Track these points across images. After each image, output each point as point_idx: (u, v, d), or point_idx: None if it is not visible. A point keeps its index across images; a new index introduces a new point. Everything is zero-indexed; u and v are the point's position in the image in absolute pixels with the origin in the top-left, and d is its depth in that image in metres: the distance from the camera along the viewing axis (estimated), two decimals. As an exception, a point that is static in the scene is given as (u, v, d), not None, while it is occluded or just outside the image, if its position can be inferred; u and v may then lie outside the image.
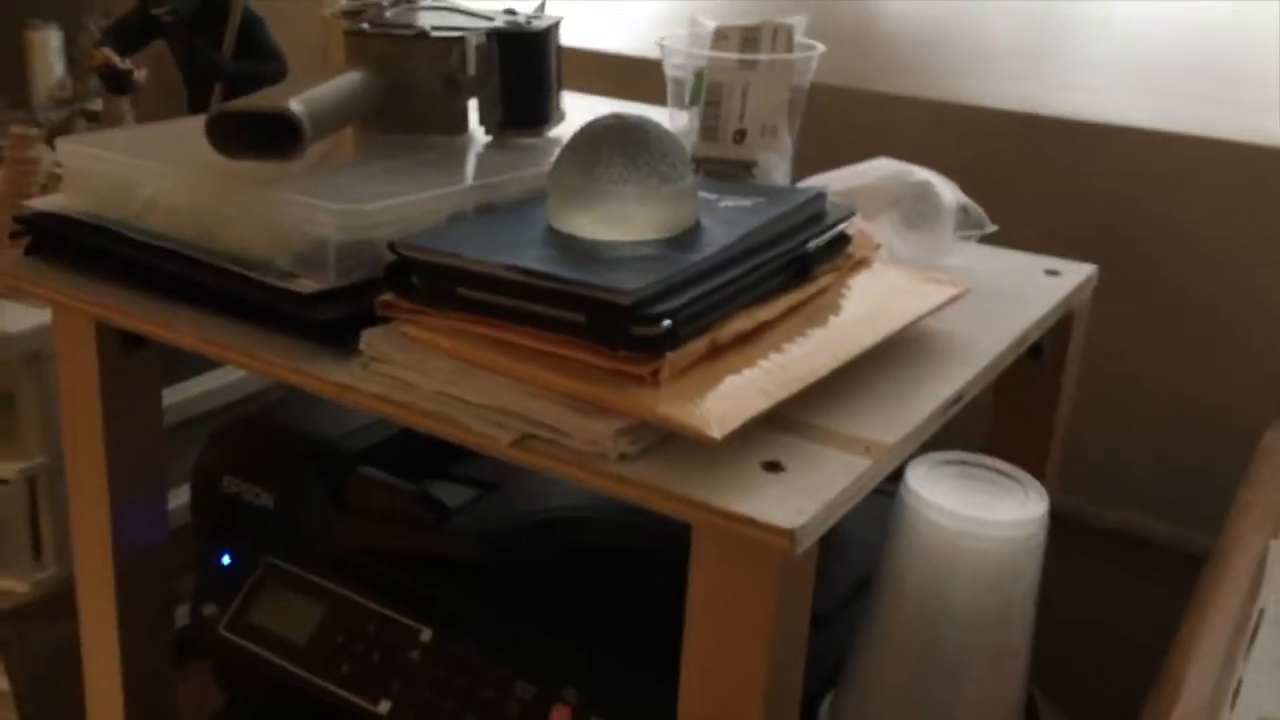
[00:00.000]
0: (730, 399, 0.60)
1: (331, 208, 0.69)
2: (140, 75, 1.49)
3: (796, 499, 0.56)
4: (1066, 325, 0.88)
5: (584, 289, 0.62)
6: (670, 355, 0.61)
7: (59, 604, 1.21)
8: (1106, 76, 1.24)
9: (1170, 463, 1.16)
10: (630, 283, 0.62)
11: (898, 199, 0.87)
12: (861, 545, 0.78)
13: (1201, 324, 1.12)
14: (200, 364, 1.30)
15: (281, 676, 0.85)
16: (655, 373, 0.60)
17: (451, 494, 0.87)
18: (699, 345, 0.63)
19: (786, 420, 0.63)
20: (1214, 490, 0.99)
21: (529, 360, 0.63)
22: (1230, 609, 0.73)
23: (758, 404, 0.60)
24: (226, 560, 0.91)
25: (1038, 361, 0.90)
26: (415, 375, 0.65)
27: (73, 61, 1.77)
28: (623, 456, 0.59)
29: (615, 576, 0.82)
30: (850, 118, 1.24)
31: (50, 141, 1.42)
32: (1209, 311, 1.11)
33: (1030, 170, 1.17)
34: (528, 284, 0.63)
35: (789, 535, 0.54)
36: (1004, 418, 0.92)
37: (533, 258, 0.65)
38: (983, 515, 0.57)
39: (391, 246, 0.68)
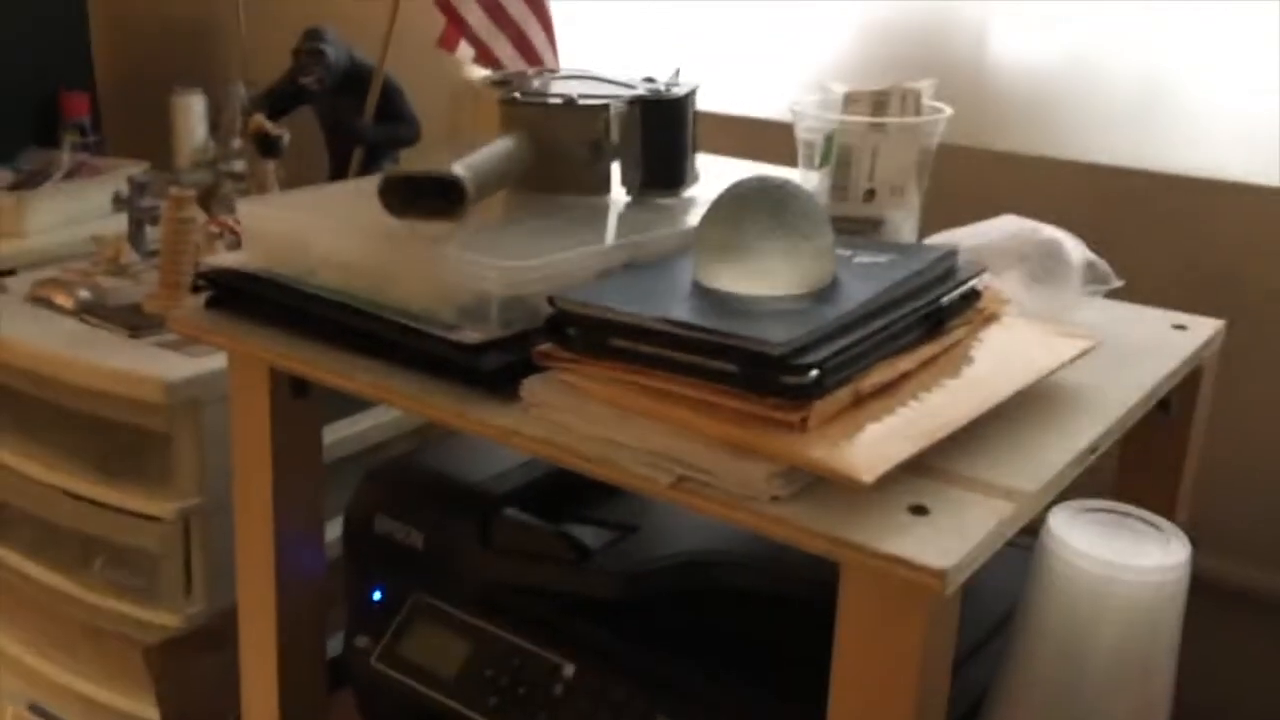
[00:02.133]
0: (877, 445, 0.64)
1: (496, 264, 0.74)
2: (285, 140, 1.59)
3: (944, 540, 0.59)
4: (1195, 379, 0.90)
5: (735, 340, 0.66)
6: (818, 404, 0.65)
7: (207, 638, 1.28)
8: (1226, 131, 1.25)
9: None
10: (780, 334, 0.65)
11: (1024, 255, 0.89)
12: (987, 593, 0.80)
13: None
14: (349, 407, 1.38)
15: (430, 707, 0.89)
16: (804, 420, 0.64)
17: (591, 535, 0.91)
18: (844, 394, 0.67)
19: (928, 467, 0.66)
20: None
21: (682, 406, 0.67)
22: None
23: (903, 450, 0.63)
24: (378, 596, 0.96)
25: (1166, 415, 0.91)
26: (574, 419, 0.69)
27: (215, 127, 1.88)
28: (774, 499, 0.63)
29: (750, 618, 0.85)
30: (972, 176, 1.27)
31: (201, 202, 1.52)
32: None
33: (1152, 227, 1.19)
34: (679, 335, 0.68)
35: (940, 575, 0.57)
36: (1132, 471, 0.93)
37: (682, 310, 0.70)
38: (1126, 560, 0.59)
39: (550, 301, 0.72)
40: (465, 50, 1.36)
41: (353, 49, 1.47)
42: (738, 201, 0.74)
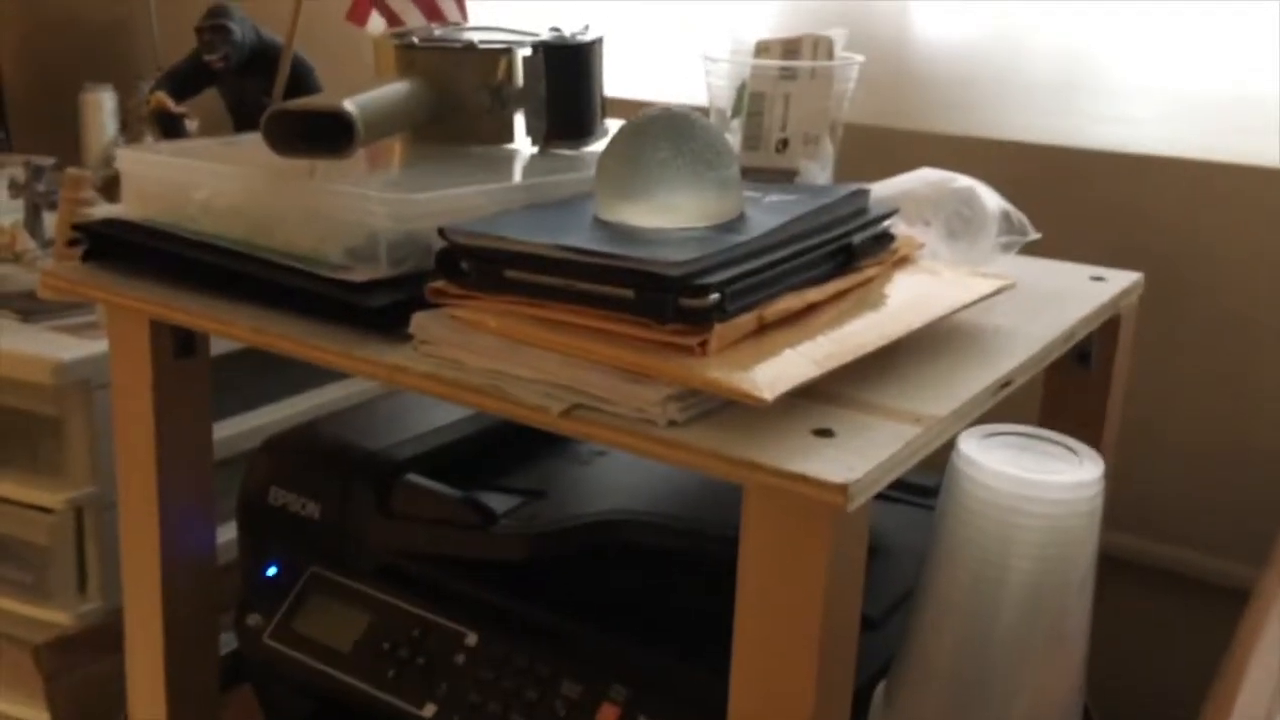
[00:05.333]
0: (780, 367, 0.60)
1: (383, 197, 0.71)
2: (192, 126, 1.53)
3: (848, 459, 0.56)
4: (1113, 330, 0.88)
5: (633, 263, 0.62)
6: (719, 327, 0.61)
7: (102, 638, 1.21)
8: (1146, 107, 1.24)
9: (1210, 493, 1.14)
10: (679, 256, 0.62)
11: (940, 204, 0.87)
12: (909, 556, 0.78)
13: (1240, 351, 1.11)
14: (250, 399, 1.33)
15: (326, 684, 0.84)
16: (704, 343, 0.61)
17: (497, 500, 0.87)
18: (747, 320, 0.64)
19: (835, 395, 0.63)
20: (1254, 522, 0.97)
21: (577, 335, 0.63)
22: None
23: (807, 371, 0.60)
24: (272, 571, 0.91)
25: (1086, 369, 0.90)
26: (465, 354, 0.66)
27: (125, 126, 1.82)
28: (672, 423, 0.59)
29: (659, 577, 0.81)
30: (889, 156, 1.25)
31: (106, 193, 1.46)
32: (1249, 338, 1.10)
33: (1070, 203, 1.18)
34: (575, 261, 0.64)
35: (842, 490, 0.54)
36: (1053, 425, 0.90)
37: (580, 240, 0.66)
38: (1038, 479, 0.57)
39: (441, 232, 0.69)
40: (376, 22, 1.32)
41: (260, 27, 1.43)
42: (638, 131, 0.71)
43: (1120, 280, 0.88)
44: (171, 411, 0.85)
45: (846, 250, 0.73)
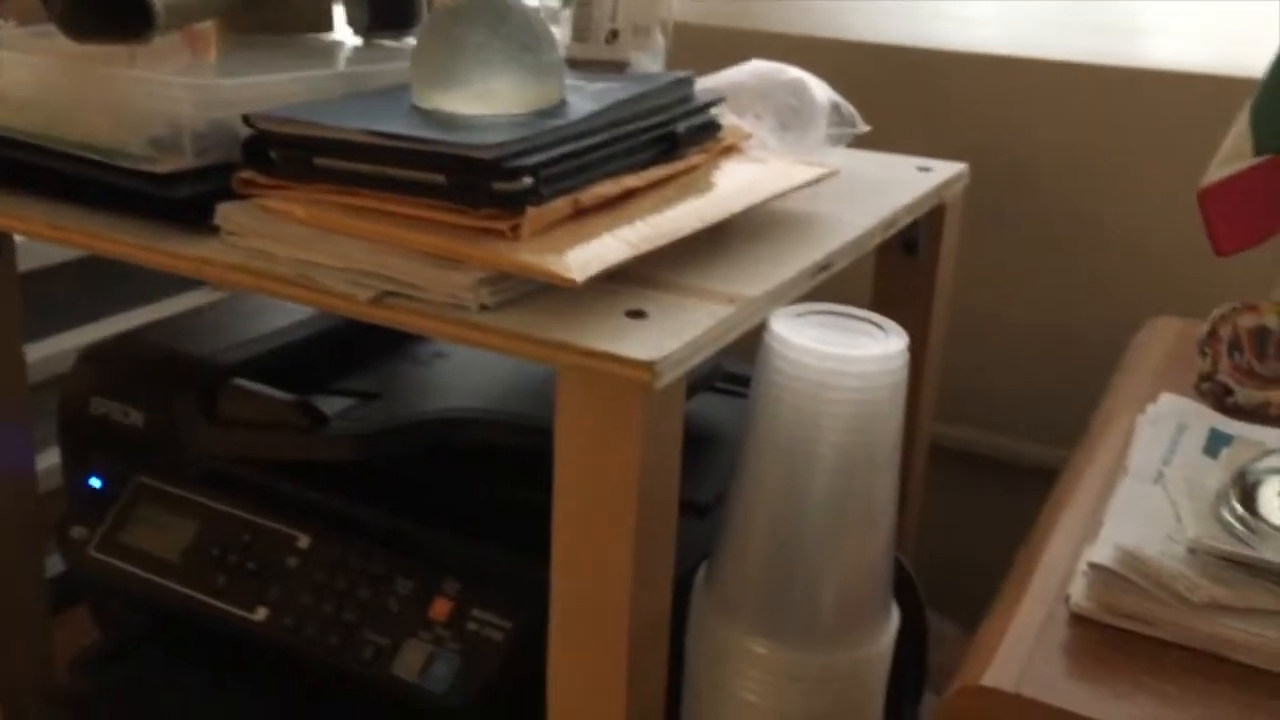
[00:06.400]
0: (593, 250, 0.60)
1: (186, 83, 0.67)
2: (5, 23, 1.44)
3: (658, 338, 0.56)
4: (939, 219, 0.90)
5: (444, 147, 0.61)
6: (531, 211, 0.60)
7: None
8: (986, 7, 1.26)
9: (1031, 383, 1.18)
10: (491, 140, 0.61)
11: (769, 95, 0.87)
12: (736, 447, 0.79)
13: (1066, 243, 1.15)
14: (74, 318, 1.27)
15: (155, 594, 0.82)
16: (516, 228, 0.60)
17: (329, 404, 0.85)
18: (562, 204, 0.63)
19: (653, 279, 0.63)
20: (1074, 410, 1.01)
21: (388, 222, 0.62)
22: (1099, 477, 0.74)
23: (619, 252, 0.60)
24: (96, 483, 0.88)
25: (914, 258, 0.91)
26: (273, 245, 0.63)
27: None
28: (483, 308, 0.58)
29: (488, 474, 0.81)
30: (724, 55, 1.24)
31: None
32: (1076, 230, 1.14)
33: (905, 100, 1.19)
34: (386, 147, 0.62)
35: (649, 368, 0.54)
36: (882, 314, 0.92)
37: (394, 125, 0.64)
38: (845, 353, 0.58)
39: (246, 119, 0.66)
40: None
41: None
42: (453, 15, 0.69)
43: (945, 170, 0.90)
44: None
45: (670, 138, 0.73)
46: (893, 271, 0.91)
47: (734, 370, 0.88)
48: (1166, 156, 1.10)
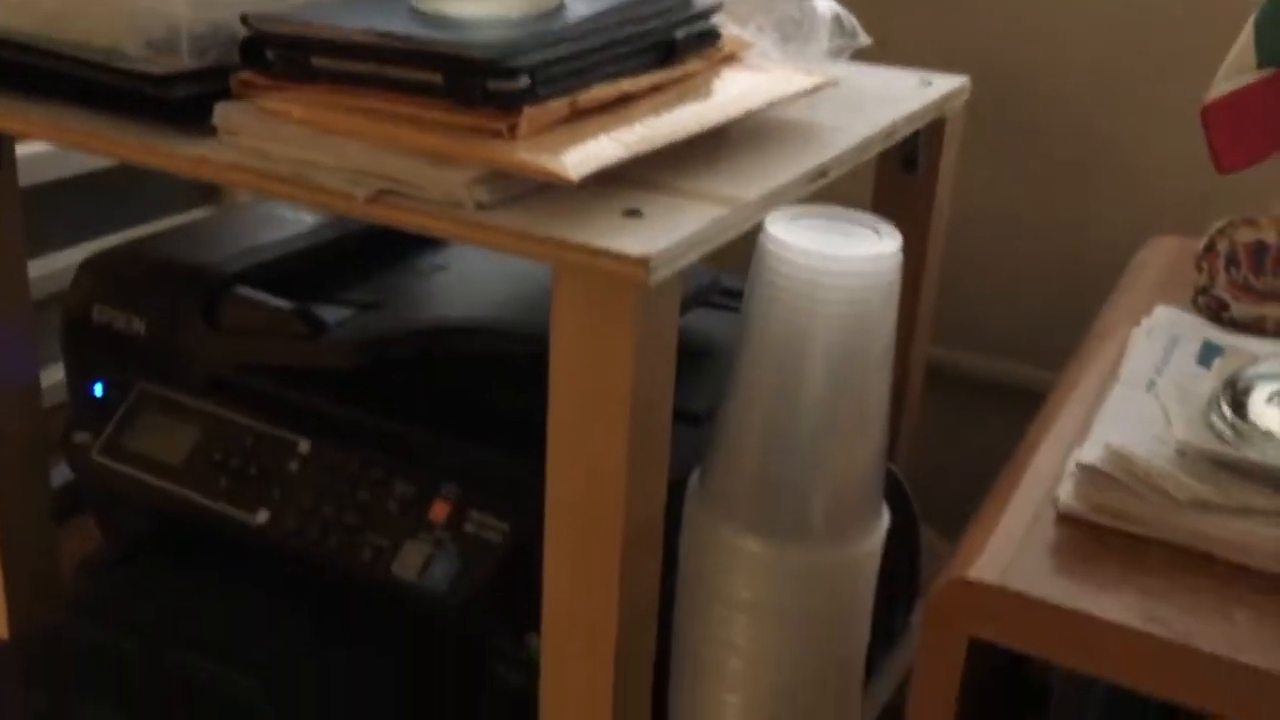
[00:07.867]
0: (589, 149, 0.60)
1: (181, -17, 0.67)
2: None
3: (653, 235, 0.56)
4: (939, 134, 0.89)
5: (441, 46, 0.61)
6: (528, 110, 0.60)
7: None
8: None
9: (1030, 306, 1.19)
10: (488, 40, 0.61)
11: (771, 5, 0.86)
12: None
13: (1074, 156, 1.14)
14: (79, 235, 1.27)
15: (158, 497, 0.83)
16: (513, 127, 0.60)
17: (329, 312, 0.85)
18: (559, 105, 0.63)
19: (650, 181, 0.64)
20: (1074, 332, 1.01)
21: (385, 122, 0.62)
22: (1092, 387, 0.74)
23: (615, 153, 0.60)
24: (99, 390, 0.89)
25: (914, 175, 0.91)
26: (271, 144, 0.64)
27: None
28: (480, 206, 0.59)
29: (486, 380, 0.82)
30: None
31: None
32: (1073, 157, 1.14)
33: (901, 15, 1.18)
34: (383, 46, 0.62)
35: (643, 264, 0.54)
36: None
37: (391, 25, 0.64)
38: (839, 253, 0.58)
39: (244, 20, 0.66)
40: None
41: None
42: (451, -85, 0.69)
43: (946, 84, 0.89)
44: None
45: (669, 44, 0.73)
46: (892, 187, 0.91)
47: (731, 285, 0.89)
48: (1170, 71, 1.09)
